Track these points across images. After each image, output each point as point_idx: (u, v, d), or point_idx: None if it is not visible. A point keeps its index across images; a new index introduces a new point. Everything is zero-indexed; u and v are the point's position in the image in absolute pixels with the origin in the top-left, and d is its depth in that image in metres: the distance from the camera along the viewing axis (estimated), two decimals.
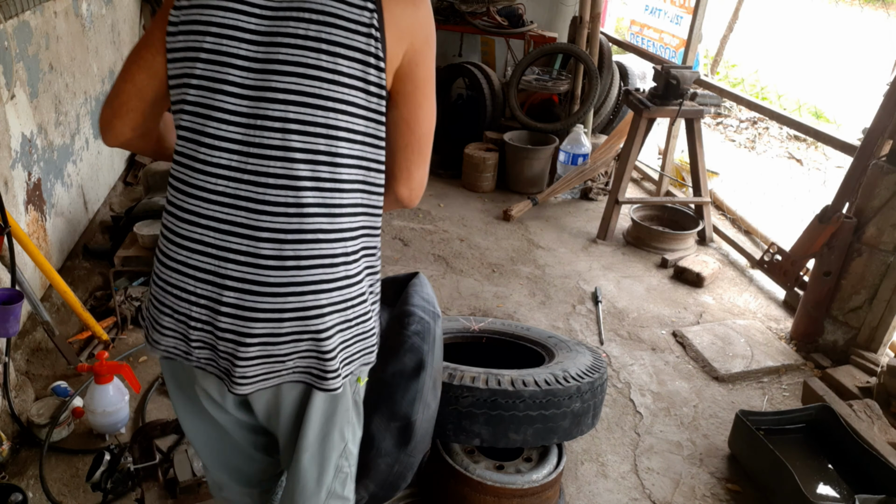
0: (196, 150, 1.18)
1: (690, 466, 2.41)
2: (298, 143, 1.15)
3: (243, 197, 1.16)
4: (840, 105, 7.53)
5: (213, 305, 1.18)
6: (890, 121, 2.80)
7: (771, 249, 3.33)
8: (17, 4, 2.68)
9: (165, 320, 1.24)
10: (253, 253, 1.16)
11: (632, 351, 3.05)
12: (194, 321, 1.20)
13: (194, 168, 1.18)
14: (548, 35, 5.40)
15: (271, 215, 1.16)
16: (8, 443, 2.22)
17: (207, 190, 1.17)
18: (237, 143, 1.16)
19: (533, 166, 4.67)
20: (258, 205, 1.16)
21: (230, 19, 1.16)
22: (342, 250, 1.20)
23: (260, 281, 1.16)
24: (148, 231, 3.17)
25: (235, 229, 1.17)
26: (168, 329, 1.24)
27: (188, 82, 1.18)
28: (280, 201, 1.15)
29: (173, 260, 1.21)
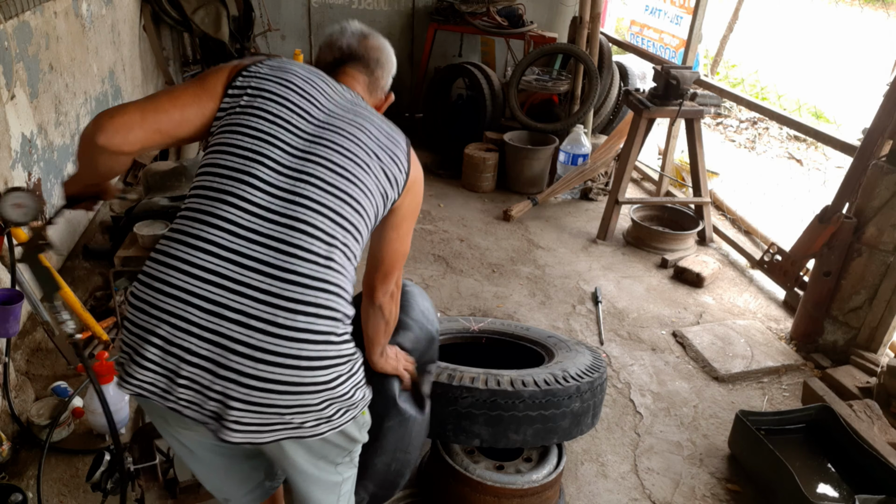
0: (222, 209, 1.22)
1: (690, 466, 2.41)
2: (327, 227, 1.26)
3: (269, 263, 1.21)
4: (840, 105, 7.53)
5: (223, 341, 1.17)
6: (890, 121, 2.80)
7: (771, 249, 3.33)
8: (17, 4, 2.68)
9: (151, 352, 1.19)
10: (277, 294, 1.19)
11: (632, 351, 3.05)
12: (192, 356, 1.18)
13: (213, 224, 1.21)
14: (548, 35, 5.40)
15: (293, 284, 1.21)
16: (8, 443, 2.22)
17: (224, 248, 1.21)
18: (268, 211, 1.23)
19: (533, 166, 4.67)
20: (283, 272, 1.20)
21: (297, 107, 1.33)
22: (344, 330, 1.27)
23: (280, 323, 1.18)
24: (148, 231, 3.17)
25: (251, 292, 1.19)
26: (151, 363, 1.20)
27: (231, 149, 1.27)
28: (306, 273, 1.22)
29: (169, 284, 1.20)
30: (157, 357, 1.19)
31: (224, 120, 1.30)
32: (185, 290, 1.18)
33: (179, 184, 3.42)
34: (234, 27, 4.91)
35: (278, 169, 1.26)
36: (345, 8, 5.77)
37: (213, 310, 1.17)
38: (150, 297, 1.20)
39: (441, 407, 1.90)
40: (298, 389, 1.19)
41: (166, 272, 1.20)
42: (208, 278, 1.18)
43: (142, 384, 1.21)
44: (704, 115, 3.96)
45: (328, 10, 5.80)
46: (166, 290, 1.19)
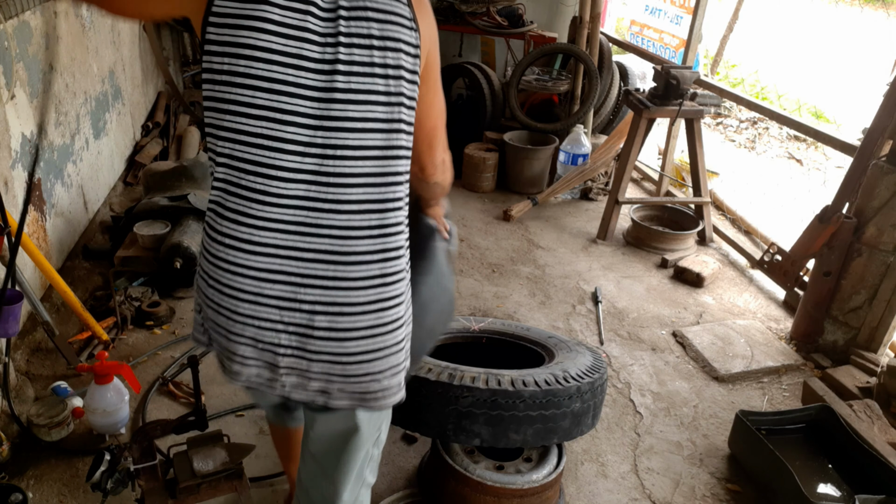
0: (259, 182, 1.18)
1: (690, 466, 2.41)
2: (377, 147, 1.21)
3: (325, 225, 1.19)
4: (840, 105, 7.53)
5: (304, 331, 1.22)
6: (890, 121, 2.80)
7: (771, 249, 3.33)
8: (17, 4, 2.68)
9: (246, 350, 1.25)
10: (342, 277, 1.20)
11: (632, 351, 3.05)
12: (283, 348, 1.22)
13: (256, 199, 1.18)
14: (548, 35, 5.40)
15: (357, 239, 1.20)
16: (8, 443, 2.22)
17: (278, 220, 1.18)
18: (308, 174, 1.18)
19: (533, 166, 4.67)
20: (343, 230, 1.19)
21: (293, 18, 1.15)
22: (404, 267, 1.30)
23: (351, 302, 1.22)
24: (148, 231, 3.17)
25: (319, 256, 1.19)
26: (250, 359, 1.26)
27: (238, 99, 1.18)
28: (365, 225, 1.21)
29: (243, 291, 1.21)
30: (252, 353, 1.25)
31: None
32: (254, 292, 1.22)
33: (179, 183, 3.43)
34: None
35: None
36: None
37: (287, 305, 1.21)
38: (227, 303, 1.24)
39: (441, 406, 1.90)
40: (382, 354, 1.27)
41: (232, 279, 1.23)
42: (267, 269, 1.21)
43: (249, 378, 1.28)
44: (704, 115, 3.96)
45: None
46: (240, 296, 1.22)
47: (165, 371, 2.68)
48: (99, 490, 1.74)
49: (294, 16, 1.14)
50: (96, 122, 3.70)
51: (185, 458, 1.83)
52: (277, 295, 1.20)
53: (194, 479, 1.77)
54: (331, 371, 1.24)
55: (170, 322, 3.01)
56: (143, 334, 2.92)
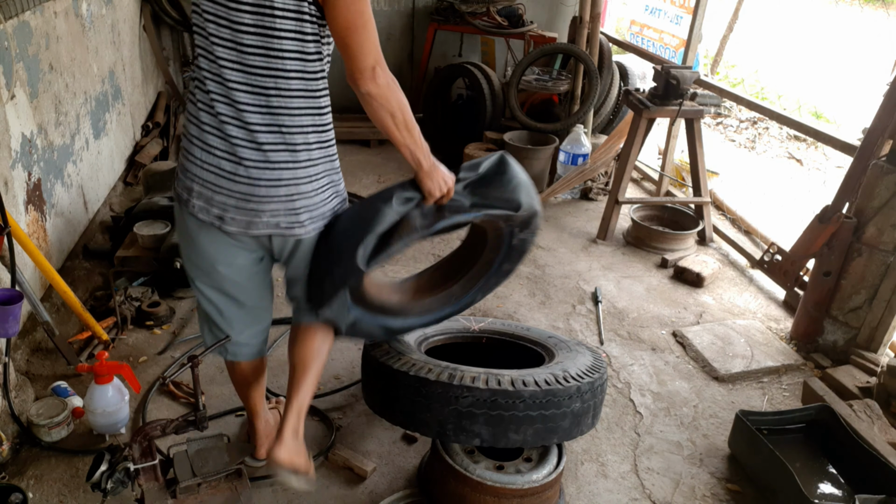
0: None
1: (690, 466, 2.41)
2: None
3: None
4: (840, 105, 7.53)
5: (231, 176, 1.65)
6: (890, 121, 2.80)
7: (771, 249, 3.33)
8: (17, 4, 2.68)
9: (195, 187, 1.68)
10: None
11: (632, 351, 3.05)
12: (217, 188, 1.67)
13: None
14: (548, 35, 5.41)
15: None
16: (8, 443, 2.22)
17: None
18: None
19: (533, 166, 4.66)
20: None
21: None
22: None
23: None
24: (148, 231, 3.17)
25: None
26: (194, 193, 1.70)
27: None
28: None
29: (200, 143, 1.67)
30: (196, 192, 1.70)
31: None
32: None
33: None
34: None
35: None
36: None
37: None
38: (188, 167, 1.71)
39: (441, 406, 1.90)
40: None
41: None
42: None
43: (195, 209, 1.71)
44: (704, 115, 3.96)
45: None
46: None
47: (165, 371, 2.68)
48: (99, 490, 1.74)
49: None
50: (96, 122, 3.70)
51: (185, 458, 1.83)
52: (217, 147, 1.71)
53: (194, 479, 1.77)
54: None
55: (170, 322, 3.01)
56: (143, 334, 2.92)
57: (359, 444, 2.39)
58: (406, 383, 1.96)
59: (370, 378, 2.16)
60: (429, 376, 1.92)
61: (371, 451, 2.37)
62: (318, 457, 2.31)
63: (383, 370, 2.03)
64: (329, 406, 2.58)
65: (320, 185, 1.73)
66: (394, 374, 1.99)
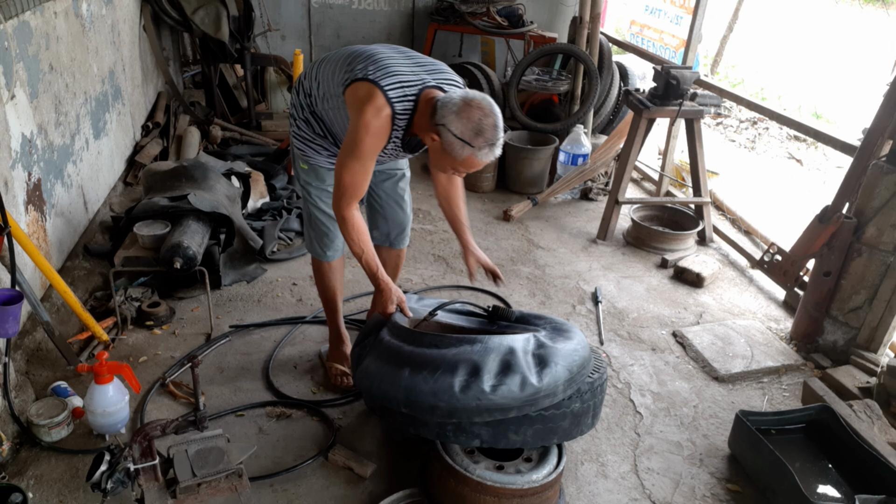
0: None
1: (690, 467, 2.41)
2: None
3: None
4: (840, 105, 7.53)
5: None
6: (890, 121, 2.80)
7: (771, 249, 3.33)
8: (17, 4, 2.68)
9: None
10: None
11: (632, 351, 3.05)
12: None
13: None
14: (548, 35, 5.41)
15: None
16: (8, 443, 2.22)
17: None
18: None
19: (533, 166, 4.67)
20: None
21: None
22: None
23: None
24: (148, 231, 3.17)
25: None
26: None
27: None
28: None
29: None
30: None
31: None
32: None
33: (179, 184, 3.42)
34: (234, 27, 4.91)
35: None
36: (345, 8, 5.77)
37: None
38: None
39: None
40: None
41: None
42: None
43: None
44: (704, 115, 3.96)
45: (328, 10, 5.80)
46: None
47: (166, 371, 2.68)
48: (99, 490, 1.74)
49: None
50: (96, 122, 3.70)
51: (185, 458, 1.83)
52: None
53: (194, 479, 1.77)
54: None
55: (170, 322, 3.02)
56: (143, 334, 2.92)
57: (359, 444, 2.39)
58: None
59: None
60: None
61: (371, 451, 2.37)
62: (318, 457, 2.31)
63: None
64: (329, 406, 2.58)
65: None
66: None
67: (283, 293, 3.32)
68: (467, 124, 1.90)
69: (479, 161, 1.97)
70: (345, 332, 2.77)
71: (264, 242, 3.56)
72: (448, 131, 1.92)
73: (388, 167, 2.52)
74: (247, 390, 2.64)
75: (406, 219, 2.67)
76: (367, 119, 2.00)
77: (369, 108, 1.99)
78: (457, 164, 2.01)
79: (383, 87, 2.01)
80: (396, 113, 2.04)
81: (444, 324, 2.30)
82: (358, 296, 3.31)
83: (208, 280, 2.93)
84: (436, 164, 2.13)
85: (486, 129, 1.91)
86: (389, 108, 2.02)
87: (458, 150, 1.94)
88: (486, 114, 1.92)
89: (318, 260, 2.61)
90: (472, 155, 1.94)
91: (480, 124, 1.91)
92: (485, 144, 1.93)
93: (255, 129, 5.15)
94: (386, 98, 2.01)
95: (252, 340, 2.95)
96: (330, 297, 2.69)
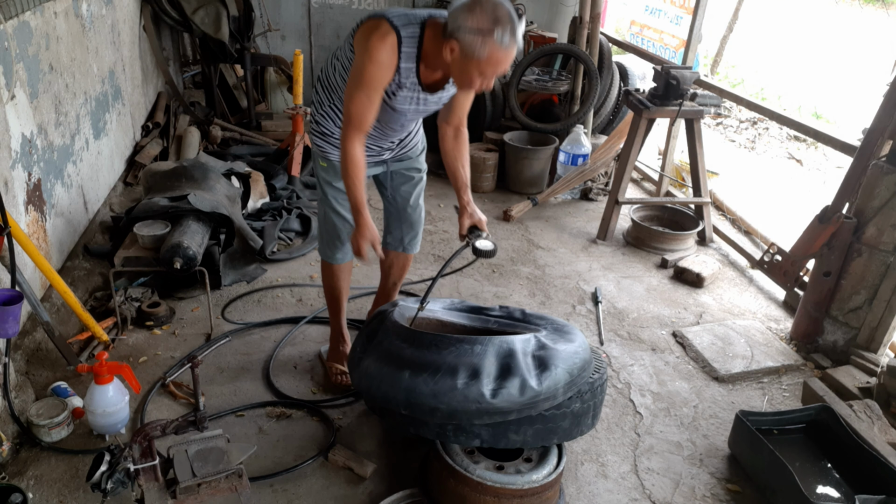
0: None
1: (690, 467, 2.41)
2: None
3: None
4: (840, 105, 7.53)
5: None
6: (890, 121, 2.80)
7: (771, 250, 3.33)
8: (17, 5, 2.68)
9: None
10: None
11: (632, 351, 3.05)
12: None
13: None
14: (548, 35, 5.41)
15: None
16: (8, 443, 2.22)
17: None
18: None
19: (533, 166, 4.67)
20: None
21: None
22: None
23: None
24: (148, 231, 3.17)
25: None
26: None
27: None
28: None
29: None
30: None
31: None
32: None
33: (179, 184, 3.42)
34: (234, 27, 4.91)
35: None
36: (345, 8, 5.77)
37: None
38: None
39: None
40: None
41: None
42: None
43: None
44: (704, 115, 3.96)
45: (328, 10, 5.80)
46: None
47: (166, 371, 2.68)
48: (99, 490, 1.74)
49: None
50: (96, 122, 3.70)
51: (185, 458, 1.83)
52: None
53: (194, 480, 1.77)
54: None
55: (170, 322, 3.02)
56: (143, 334, 2.92)
57: (359, 444, 2.39)
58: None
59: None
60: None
61: (371, 451, 2.37)
62: (318, 457, 2.31)
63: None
64: (329, 406, 2.58)
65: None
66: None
67: (283, 293, 3.32)
68: (482, 16, 1.83)
69: (505, 52, 1.87)
70: (346, 332, 2.77)
71: (264, 242, 3.56)
72: (465, 31, 1.85)
73: (406, 167, 2.53)
74: (247, 390, 2.64)
75: (419, 223, 2.70)
76: (372, 45, 1.96)
77: (374, 35, 1.96)
78: (483, 67, 1.90)
79: (388, 16, 1.99)
80: (402, 39, 1.98)
81: (445, 322, 2.30)
82: (358, 296, 3.31)
83: (208, 280, 2.93)
84: (461, 81, 2.02)
85: (503, 17, 1.84)
86: (394, 34, 1.97)
87: (478, 48, 1.85)
88: (497, 3, 1.85)
89: (327, 262, 2.62)
90: (496, 47, 1.85)
91: (496, 12, 1.84)
92: (506, 31, 1.84)
93: (255, 130, 5.16)
94: (391, 24, 1.97)
95: (252, 340, 2.95)
96: (335, 298, 2.70)
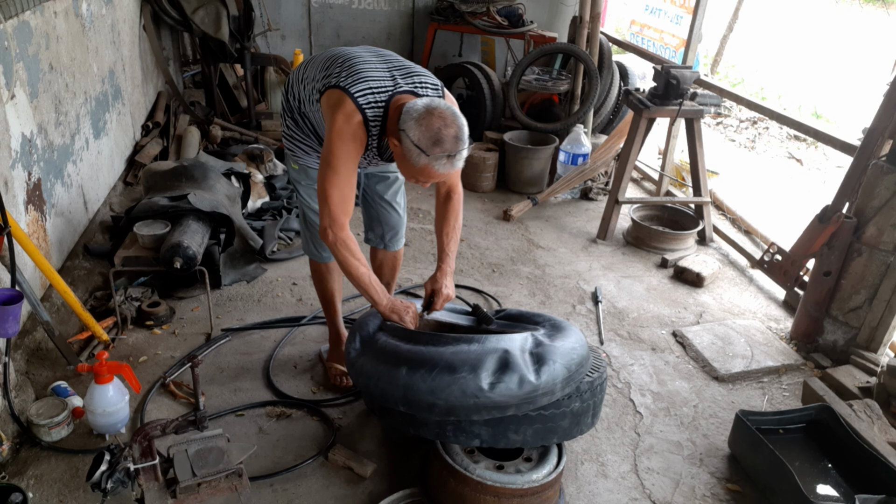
0: None
1: (690, 466, 2.41)
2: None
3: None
4: (840, 105, 7.53)
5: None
6: (890, 121, 2.80)
7: (771, 249, 3.33)
8: (17, 4, 2.68)
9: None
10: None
11: (632, 351, 3.05)
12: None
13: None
14: (548, 35, 5.41)
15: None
16: (8, 443, 2.22)
17: None
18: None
19: (533, 166, 4.67)
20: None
21: None
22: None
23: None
24: (148, 231, 3.17)
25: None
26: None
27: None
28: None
29: None
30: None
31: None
32: None
33: (179, 184, 3.42)
34: (234, 27, 4.91)
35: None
36: (345, 8, 5.77)
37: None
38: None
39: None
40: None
41: None
42: None
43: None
44: (704, 115, 3.96)
45: (328, 9, 5.80)
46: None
47: (166, 371, 2.68)
48: (99, 490, 1.74)
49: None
50: (96, 122, 3.70)
51: (185, 457, 1.83)
52: None
53: (194, 479, 1.77)
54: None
55: (170, 322, 3.02)
56: (143, 334, 2.92)
57: (359, 444, 2.39)
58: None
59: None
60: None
61: (371, 451, 2.37)
62: (318, 457, 2.31)
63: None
64: (329, 406, 2.58)
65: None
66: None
67: (283, 293, 3.32)
68: (426, 132, 1.86)
69: (436, 171, 1.92)
70: (344, 332, 2.77)
71: (264, 242, 3.56)
72: (407, 137, 1.89)
73: (380, 170, 2.49)
74: (247, 390, 2.64)
75: (400, 221, 2.64)
76: (339, 126, 2.00)
77: (339, 114, 2.00)
78: (415, 172, 1.96)
79: (352, 94, 2.00)
80: (368, 119, 2.02)
81: (443, 322, 2.30)
82: (358, 296, 3.31)
83: (208, 280, 2.93)
84: (403, 173, 2.08)
85: (446, 140, 1.87)
86: (360, 115, 2.00)
87: (414, 157, 1.90)
88: (447, 124, 1.88)
89: (316, 261, 2.60)
90: (429, 164, 1.89)
91: (439, 134, 1.86)
92: (442, 155, 1.88)
93: (255, 129, 5.16)
94: (356, 104, 2.00)
95: (252, 340, 2.95)
96: (328, 298, 2.68)
